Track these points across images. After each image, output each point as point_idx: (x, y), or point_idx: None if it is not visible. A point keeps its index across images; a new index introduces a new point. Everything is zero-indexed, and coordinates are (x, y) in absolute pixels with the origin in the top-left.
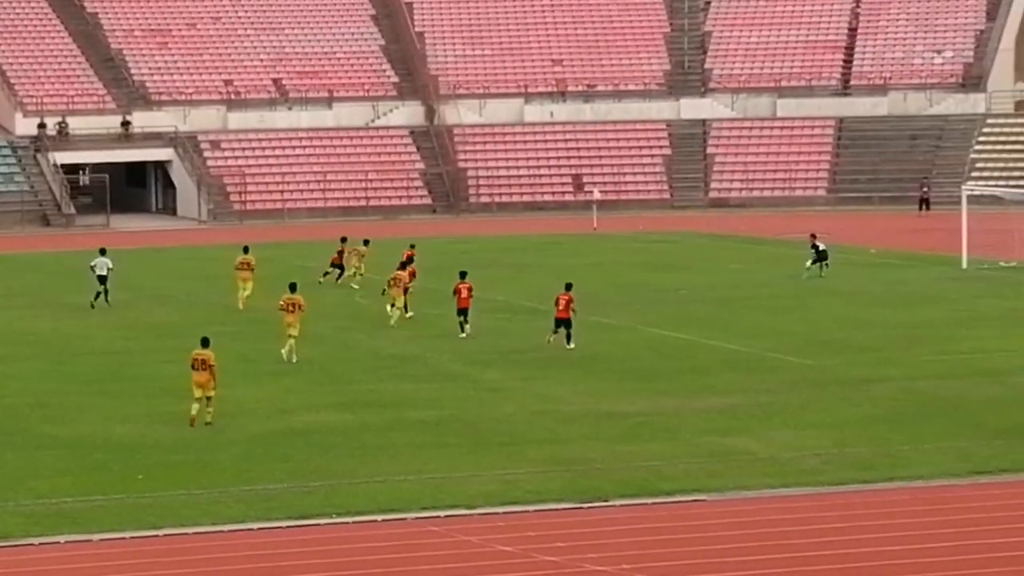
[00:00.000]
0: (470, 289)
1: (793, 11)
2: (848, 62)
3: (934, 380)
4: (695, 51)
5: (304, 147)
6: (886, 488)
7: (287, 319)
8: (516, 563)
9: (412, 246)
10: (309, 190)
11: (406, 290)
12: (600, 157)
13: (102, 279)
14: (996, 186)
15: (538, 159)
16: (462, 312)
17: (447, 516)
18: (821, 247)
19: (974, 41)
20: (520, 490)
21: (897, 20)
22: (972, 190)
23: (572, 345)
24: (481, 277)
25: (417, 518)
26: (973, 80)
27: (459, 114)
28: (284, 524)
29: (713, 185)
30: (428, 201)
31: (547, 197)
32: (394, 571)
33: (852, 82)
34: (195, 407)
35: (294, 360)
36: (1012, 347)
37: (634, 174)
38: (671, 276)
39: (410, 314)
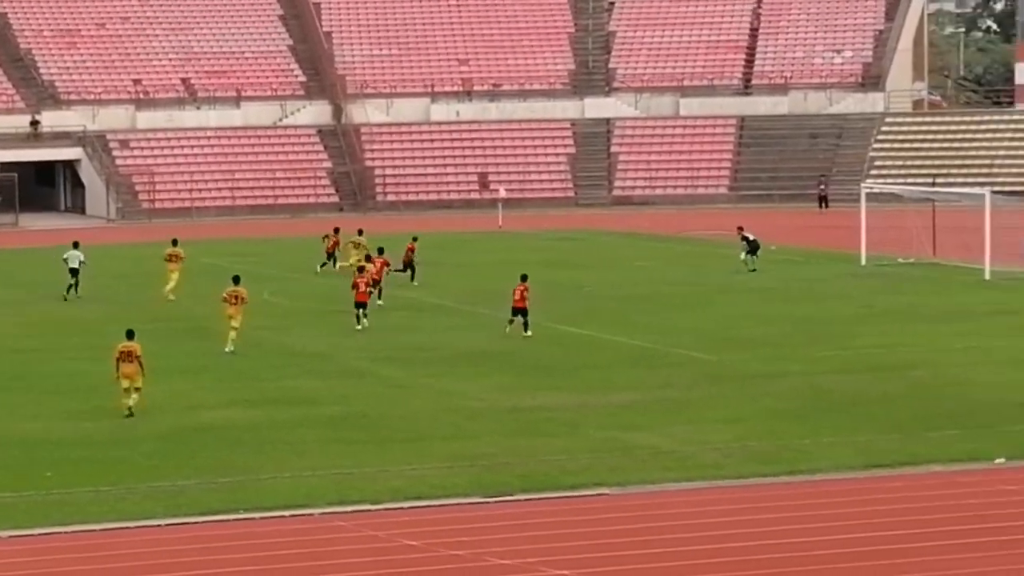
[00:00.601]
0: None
1: (695, 12)
2: (749, 62)
3: (833, 375)
4: (599, 51)
5: (212, 146)
6: (786, 481)
7: (229, 311)
8: (421, 557)
9: (415, 239)
10: (217, 189)
11: (376, 281)
12: (505, 156)
13: (74, 271)
14: (894, 184)
15: (444, 158)
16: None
17: (353, 511)
18: (751, 238)
19: (873, 41)
20: (425, 485)
21: (797, 21)
22: (871, 188)
23: (530, 332)
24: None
25: (324, 513)
26: (872, 80)
27: (366, 113)
28: (192, 520)
29: (617, 183)
30: (335, 199)
31: (453, 195)
32: (301, 566)
33: (753, 82)
34: (125, 399)
35: (231, 349)
36: (909, 342)
37: (539, 172)
38: (575, 273)
39: (380, 302)
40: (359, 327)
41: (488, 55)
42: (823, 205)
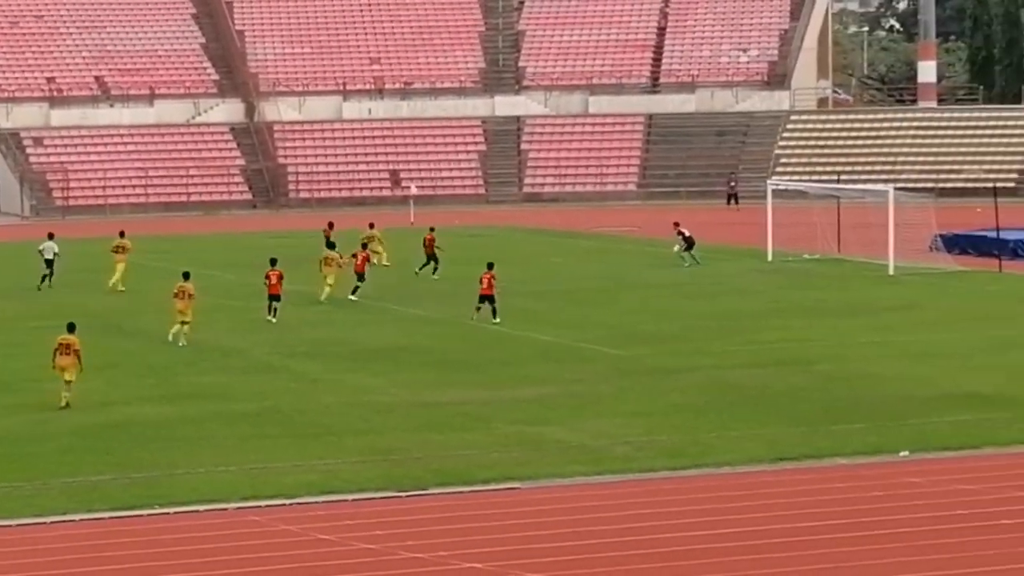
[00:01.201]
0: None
1: (604, 11)
2: (657, 61)
3: (741, 369)
4: (509, 50)
5: (126, 144)
6: (694, 475)
7: (178, 305)
8: (335, 551)
9: (432, 229)
10: (131, 186)
11: (359, 274)
12: (417, 153)
13: (48, 263)
14: (800, 181)
15: (356, 155)
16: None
17: (267, 506)
18: (687, 234)
19: (778, 40)
20: (339, 480)
21: (704, 20)
22: (777, 185)
23: (498, 320)
24: (300, 272)
25: (238, 508)
26: (777, 78)
27: (279, 111)
28: (107, 515)
29: (527, 180)
30: (248, 196)
31: (365, 192)
32: (215, 560)
33: (661, 80)
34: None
35: (182, 344)
36: (815, 336)
37: (450, 170)
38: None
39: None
40: (270, 318)
41: (399, 54)
42: (733, 202)
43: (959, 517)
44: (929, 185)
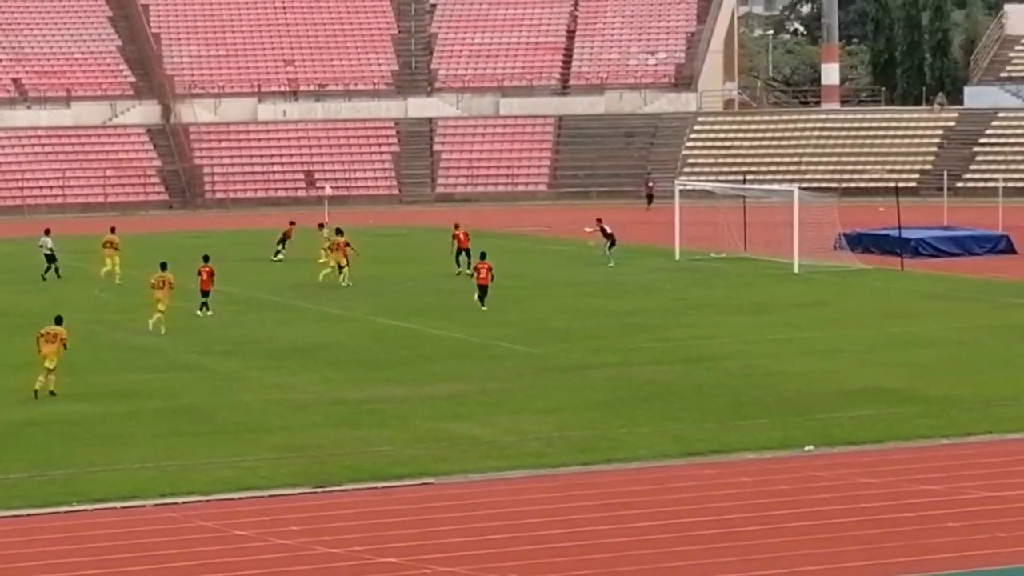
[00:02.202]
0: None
1: (514, 15)
2: (567, 63)
3: (649, 366)
4: (422, 52)
5: (43, 145)
6: (605, 470)
7: (156, 295)
8: (252, 547)
9: (457, 226)
10: (49, 187)
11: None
12: (331, 154)
13: (48, 257)
14: (707, 181)
15: (271, 156)
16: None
17: (184, 503)
18: (608, 231)
19: (685, 43)
20: (256, 476)
21: (613, 23)
22: (684, 185)
23: (485, 308)
24: (217, 270)
25: (155, 505)
26: (684, 80)
27: (194, 113)
28: (25, 512)
29: (440, 181)
30: (165, 197)
31: (280, 193)
32: (132, 557)
33: (571, 82)
34: (42, 378)
35: (162, 331)
36: (721, 334)
37: (364, 170)
38: (399, 268)
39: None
40: (199, 313)
41: (314, 56)
42: (650, 201)
43: (862, 510)
44: (833, 185)
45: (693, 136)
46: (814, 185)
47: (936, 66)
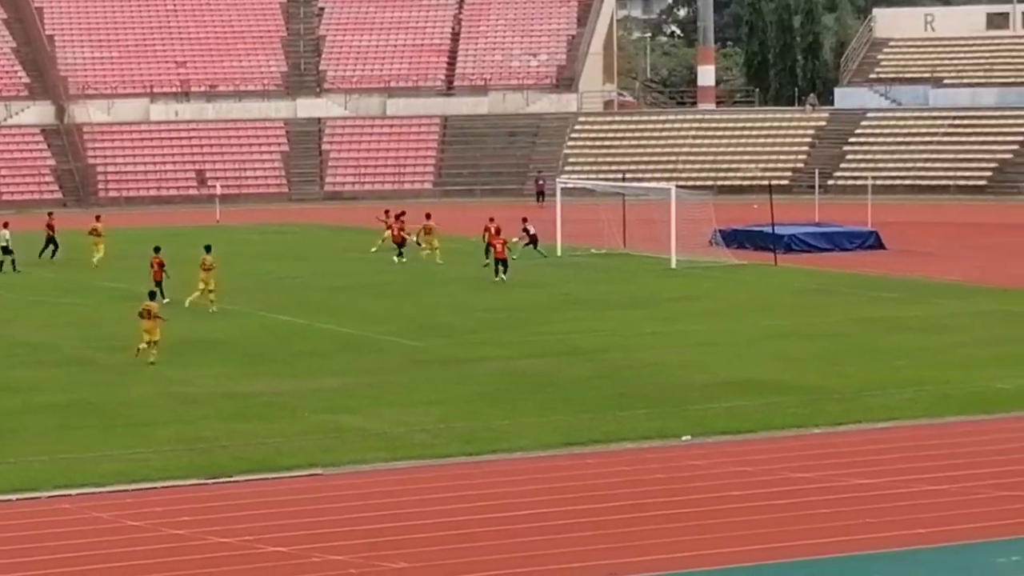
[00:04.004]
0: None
1: (401, 18)
2: (451, 65)
3: (532, 359)
4: (310, 54)
5: None
6: (488, 460)
7: (202, 276)
8: (144, 537)
9: (494, 221)
10: None
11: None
12: (222, 153)
13: (5, 250)
14: (587, 179)
15: (164, 155)
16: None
17: (79, 494)
18: (532, 231)
19: (566, 45)
20: (148, 468)
21: (496, 26)
22: (565, 183)
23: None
24: (111, 268)
25: (50, 496)
26: (565, 81)
27: (88, 113)
28: None
29: (328, 179)
30: (59, 196)
31: (172, 191)
32: (27, 548)
33: (455, 83)
34: (142, 346)
35: (213, 309)
36: (601, 327)
37: (254, 169)
38: (289, 265)
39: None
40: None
41: (205, 58)
42: (541, 199)
43: (737, 498)
44: (708, 183)
45: (574, 136)
46: (690, 183)
47: (808, 68)
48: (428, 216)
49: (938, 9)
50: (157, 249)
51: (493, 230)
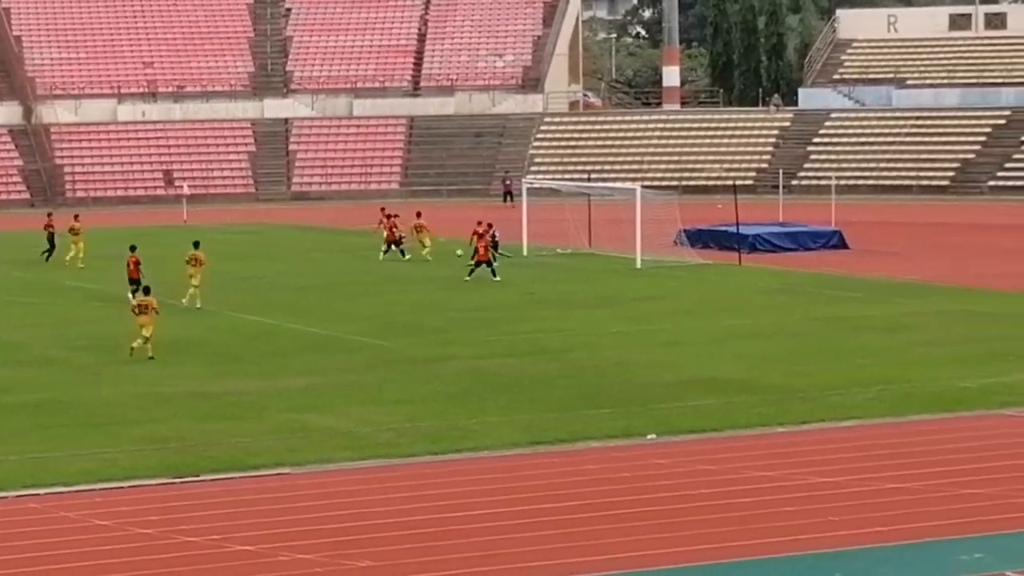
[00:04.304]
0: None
1: (367, 18)
2: (418, 65)
3: (498, 359)
4: (277, 55)
5: None
6: (455, 459)
7: (189, 271)
8: (112, 536)
9: (482, 223)
10: None
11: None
12: (189, 153)
13: None
14: (553, 179)
15: (131, 156)
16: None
17: (47, 493)
18: (495, 235)
19: (532, 46)
20: (116, 467)
21: (462, 27)
22: (531, 183)
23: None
24: (84, 268)
25: (17, 496)
26: (531, 82)
27: (55, 114)
28: None
29: (295, 179)
30: (27, 196)
31: (140, 192)
32: None
33: (422, 84)
34: (136, 344)
35: (198, 306)
36: (566, 327)
37: (221, 170)
38: (256, 265)
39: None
40: (130, 296)
41: (172, 58)
42: (508, 199)
43: (702, 496)
44: (673, 183)
45: (540, 136)
46: (655, 183)
47: (772, 69)
48: (419, 214)
49: (901, 10)
50: (133, 248)
51: (479, 232)
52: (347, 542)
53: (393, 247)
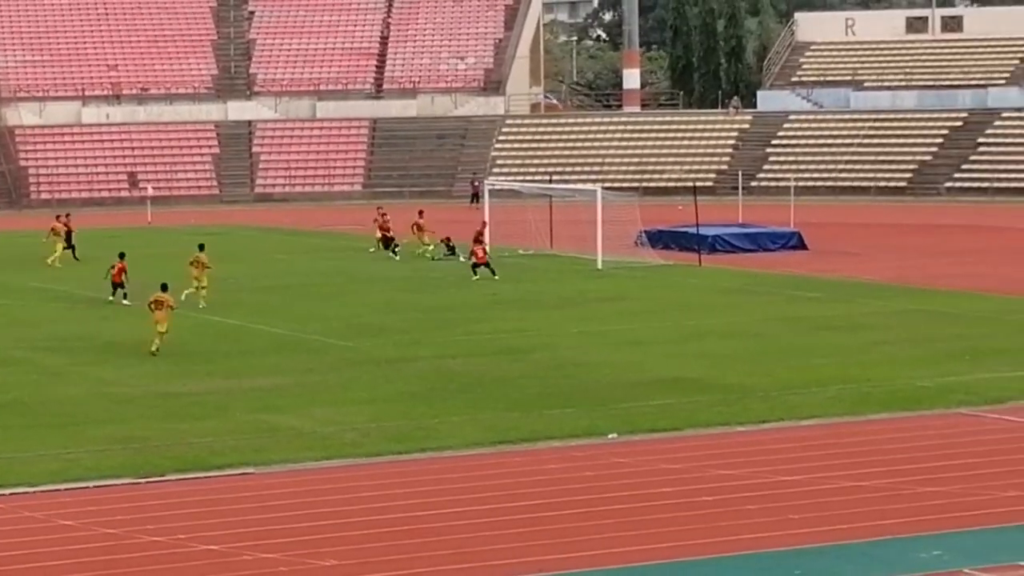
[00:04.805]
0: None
1: (330, 21)
2: (380, 68)
3: (460, 359)
4: (241, 57)
5: None
6: (418, 458)
7: (193, 272)
8: (77, 536)
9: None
10: None
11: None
12: (154, 155)
13: None
14: (515, 181)
15: (95, 158)
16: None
17: (11, 494)
18: (451, 241)
19: (493, 49)
20: (81, 467)
21: (424, 30)
22: (493, 185)
23: (497, 276)
24: (46, 270)
25: None
26: (493, 84)
27: (20, 116)
28: None
29: (259, 181)
30: None
31: (104, 193)
32: None
33: (385, 86)
34: (155, 347)
35: (202, 305)
36: (529, 327)
37: (185, 171)
38: (220, 266)
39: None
40: (111, 298)
41: (136, 61)
42: (475, 200)
43: (663, 495)
44: (634, 184)
45: (501, 138)
46: (616, 185)
47: (731, 71)
48: (420, 214)
49: (859, 13)
50: (122, 255)
51: (477, 236)
52: (312, 541)
53: (384, 246)
